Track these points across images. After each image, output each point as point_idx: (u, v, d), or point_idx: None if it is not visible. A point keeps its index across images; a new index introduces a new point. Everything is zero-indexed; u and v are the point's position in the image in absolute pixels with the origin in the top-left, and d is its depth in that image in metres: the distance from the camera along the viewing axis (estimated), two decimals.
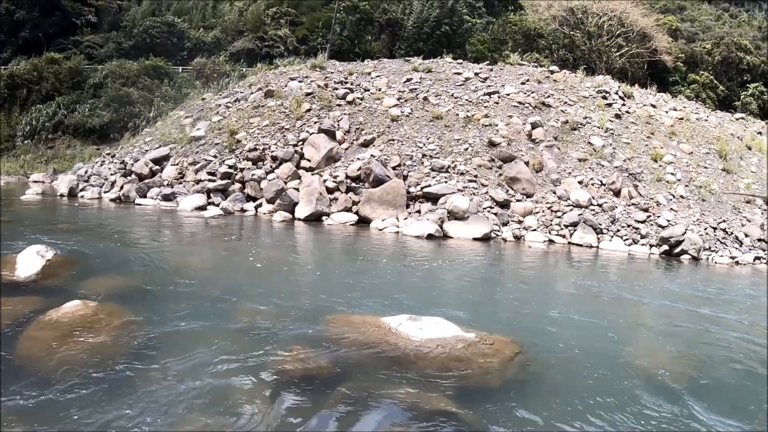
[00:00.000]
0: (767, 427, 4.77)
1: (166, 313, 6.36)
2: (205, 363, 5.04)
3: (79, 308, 5.88)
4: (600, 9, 32.76)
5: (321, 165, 17.59)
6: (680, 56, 33.76)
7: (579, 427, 4.46)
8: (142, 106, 27.47)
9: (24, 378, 4.54)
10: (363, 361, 5.30)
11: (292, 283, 8.98)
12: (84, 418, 4.01)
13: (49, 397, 4.27)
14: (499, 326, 6.84)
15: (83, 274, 7.88)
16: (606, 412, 4.75)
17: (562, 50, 33.85)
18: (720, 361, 6.49)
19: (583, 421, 4.57)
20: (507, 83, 22.06)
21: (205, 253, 11.33)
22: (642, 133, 20.49)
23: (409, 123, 19.36)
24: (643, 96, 24.33)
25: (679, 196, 17.58)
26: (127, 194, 17.72)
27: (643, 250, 15.54)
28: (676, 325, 8.25)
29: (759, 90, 32.49)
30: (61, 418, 4.01)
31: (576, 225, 16.00)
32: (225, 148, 18.70)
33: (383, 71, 23.28)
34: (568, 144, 19.08)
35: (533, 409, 4.68)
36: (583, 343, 6.64)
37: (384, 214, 15.87)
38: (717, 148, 20.94)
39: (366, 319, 6.36)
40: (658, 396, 5.19)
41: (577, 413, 4.69)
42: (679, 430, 4.58)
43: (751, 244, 16.30)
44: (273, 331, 6.00)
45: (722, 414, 4.92)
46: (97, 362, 4.86)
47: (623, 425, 4.56)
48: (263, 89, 21.65)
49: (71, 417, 4.02)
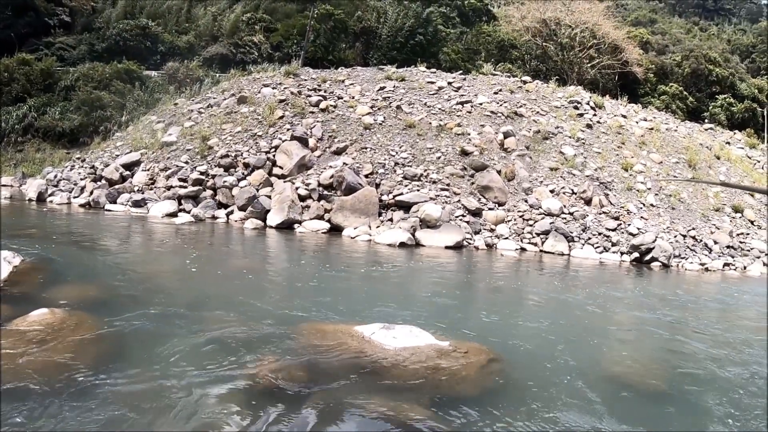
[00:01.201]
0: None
1: (135, 322, 6.25)
2: (174, 373, 4.96)
3: (47, 316, 5.75)
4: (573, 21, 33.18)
5: (293, 172, 17.52)
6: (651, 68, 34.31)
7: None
8: (113, 110, 27.05)
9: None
10: (336, 370, 5.26)
11: (263, 292, 8.90)
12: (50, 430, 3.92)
13: (13, 407, 4.16)
14: (472, 334, 6.85)
15: (51, 281, 7.73)
16: (580, 419, 4.77)
17: (535, 61, 34.22)
18: (689, 366, 6.56)
19: (557, 427, 4.59)
20: (480, 93, 22.22)
21: (176, 261, 11.18)
22: (613, 143, 20.77)
23: (382, 131, 19.39)
24: (614, 107, 24.70)
25: (649, 204, 17.85)
26: (96, 200, 17.45)
27: (614, 257, 15.73)
28: (646, 331, 8.34)
29: (727, 101, 33.14)
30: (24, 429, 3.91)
31: (548, 233, 16.14)
32: (197, 155, 18.54)
33: (357, 79, 23.30)
34: (539, 153, 19.25)
35: (508, 417, 4.69)
36: (556, 351, 6.67)
37: (356, 222, 15.85)
38: (686, 157, 21.33)
39: (339, 328, 6.32)
40: (630, 402, 5.24)
41: (551, 420, 4.71)
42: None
43: (720, 251, 16.61)
44: (244, 340, 5.93)
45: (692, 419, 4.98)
46: (64, 372, 4.75)
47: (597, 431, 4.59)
48: (236, 95, 21.52)
49: (35, 427, 3.93)
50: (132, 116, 25.97)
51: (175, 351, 5.46)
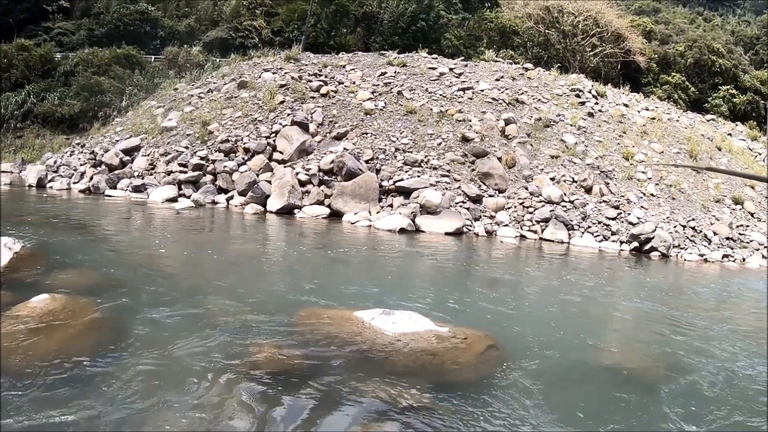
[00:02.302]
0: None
1: (135, 308, 6.27)
2: (174, 358, 4.98)
3: (48, 302, 5.75)
4: (576, 9, 32.96)
5: (294, 157, 17.49)
6: (653, 57, 34.10)
7: (551, 420, 4.50)
8: (113, 95, 26.99)
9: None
10: (336, 356, 5.28)
11: (263, 277, 8.92)
12: (51, 415, 3.93)
13: (15, 393, 4.17)
14: (472, 321, 6.86)
15: (52, 267, 7.74)
16: (577, 406, 4.80)
17: (537, 48, 34.01)
18: (686, 357, 6.57)
19: (554, 414, 4.61)
20: (481, 79, 22.13)
21: (176, 246, 11.19)
22: (614, 132, 20.72)
23: (382, 117, 19.33)
24: (616, 95, 24.59)
25: (649, 194, 17.81)
26: (96, 185, 17.42)
27: (613, 246, 15.72)
28: (644, 321, 8.36)
29: (729, 93, 32.97)
30: (27, 414, 3.92)
31: (547, 221, 16.13)
32: (197, 140, 18.50)
33: (358, 64, 23.19)
34: (540, 141, 19.20)
35: (506, 403, 4.70)
36: (554, 338, 6.69)
37: (356, 207, 15.84)
38: (688, 148, 21.26)
39: (338, 313, 6.34)
40: (626, 390, 5.25)
41: (550, 406, 4.73)
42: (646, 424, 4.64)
43: (719, 242, 16.59)
44: (244, 325, 5.95)
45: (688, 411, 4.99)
46: (65, 357, 4.77)
47: (594, 418, 4.60)
48: (237, 80, 21.44)
49: (37, 413, 3.94)
50: (131, 101, 25.91)
51: (174, 335, 5.47)
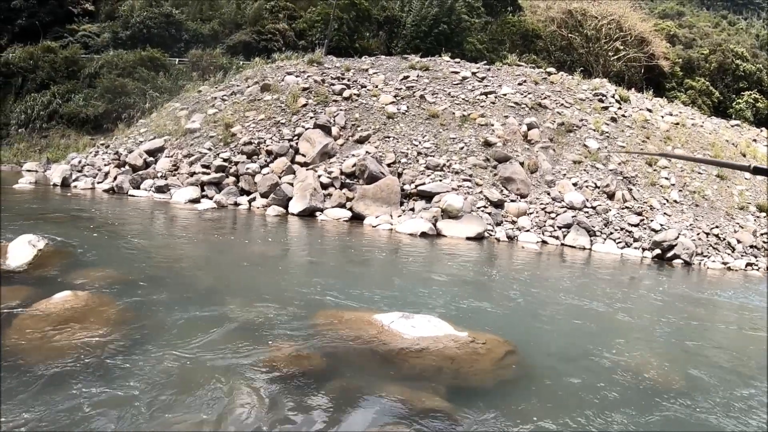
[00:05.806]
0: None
1: (157, 306, 6.32)
2: (195, 357, 5.01)
3: (70, 299, 5.81)
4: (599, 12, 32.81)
5: (316, 160, 17.55)
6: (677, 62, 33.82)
7: (570, 428, 4.46)
8: (137, 97, 27.33)
9: (12, 370, 4.49)
10: (354, 358, 5.28)
11: (284, 278, 8.95)
12: (74, 411, 3.97)
13: (38, 389, 4.23)
14: (491, 326, 6.82)
15: (75, 264, 7.82)
16: (597, 413, 4.74)
17: (560, 52, 33.89)
18: (708, 365, 6.49)
19: (574, 421, 4.56)
20: (504, 83, 22.06)
21: (198, 246, 11.27)
22: (637, 137, 20.53)
23: (405, 120, 19.35)
24: (639, 100, 24.37)
25: (672, 200, 17.62)
26: (120, 185, 17.62)
27: (635, 253, 15.58)
28: (666, 330, 8.26)
29: (753, 98, 32.56)
30: (50, 410, 3.96)
31: (569, 227, 16.03)
32: (220, 141, 18.63)
33: (380, 68, 23.24)
34: (563, 146, 19.10)
35: (525, 409, 4.68)
36: (575, 345, 6.64)
37: (378, 211, 15.86)
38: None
39: (358, 316, 6.34)
40: (647, 397, 5.19)
41: (569, 414, 4.69)
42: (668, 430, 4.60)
43: (743, 250, 16.36)
44: (264, 326, 5.97)
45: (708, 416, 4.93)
46: (88, 354, 4.81)
47: (614, 426, 4.55)
48: (260, 83, 21.57)
49: (60, 410, 3.98)
50: (155, 103, 26.19)
51: (195, 334, 5.50)
